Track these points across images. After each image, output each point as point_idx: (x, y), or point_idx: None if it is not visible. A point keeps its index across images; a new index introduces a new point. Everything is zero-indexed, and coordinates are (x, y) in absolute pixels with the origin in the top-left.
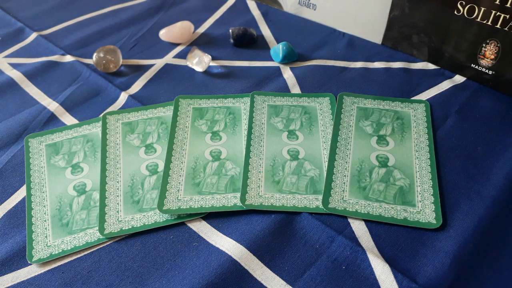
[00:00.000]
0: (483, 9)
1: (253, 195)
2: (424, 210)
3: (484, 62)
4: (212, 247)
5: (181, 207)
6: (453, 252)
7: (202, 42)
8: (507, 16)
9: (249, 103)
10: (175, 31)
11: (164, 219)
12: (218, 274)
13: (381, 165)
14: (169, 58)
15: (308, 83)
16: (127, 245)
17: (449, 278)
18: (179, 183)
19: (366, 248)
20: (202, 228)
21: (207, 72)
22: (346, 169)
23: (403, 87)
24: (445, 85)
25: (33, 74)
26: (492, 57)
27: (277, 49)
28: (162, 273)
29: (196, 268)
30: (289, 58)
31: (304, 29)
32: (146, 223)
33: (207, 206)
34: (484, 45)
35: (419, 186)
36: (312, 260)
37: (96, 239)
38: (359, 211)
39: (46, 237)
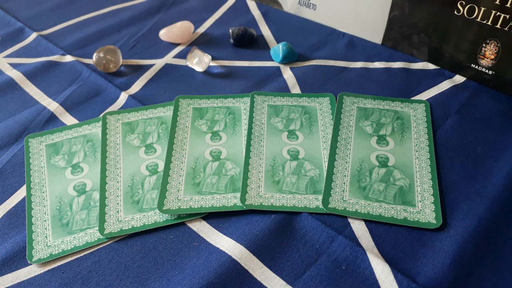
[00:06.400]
0: (483, 9)
1: (253, 195)
2: (424, 210)
3: (484, 62)
4: (212, 247)
5: (181, 207)
6: (453, 252)
7: (202, 42)
8: (507, 16)
9: (249, 103)
10: (175, 31)
11: (164, 219)
12: (218, 274)
13: (381, 165)
14: (169, 58)
15: (308, 83)
16: (127, 245)
17: (449, 278)
18: (179, 183)
19: (366, 248)
20: (202, 228)
21: (207, 72)
22: (346, 169)
23: (403, 87)
24: (445, 85)
25: (33, 74)
26: (492, 57)
27: (277, 49)
28: (162, 273)
29: (196, 268)
30: (289, 58)
31: (304, 29)
32: (146, 223)
33: (207, 206)
34: (484, 45)
35: (419, 186)
36: (312, 260)
37: (96, 239)
38: (359, 211)
39: (46, 237)
